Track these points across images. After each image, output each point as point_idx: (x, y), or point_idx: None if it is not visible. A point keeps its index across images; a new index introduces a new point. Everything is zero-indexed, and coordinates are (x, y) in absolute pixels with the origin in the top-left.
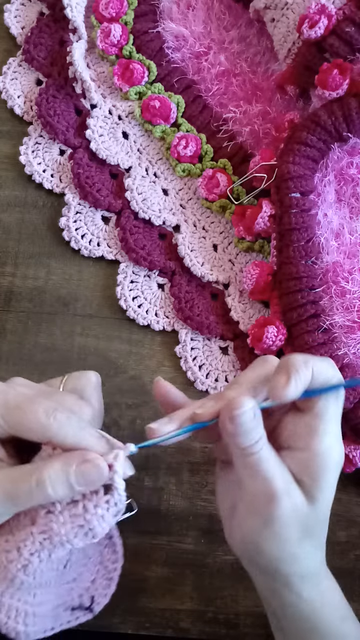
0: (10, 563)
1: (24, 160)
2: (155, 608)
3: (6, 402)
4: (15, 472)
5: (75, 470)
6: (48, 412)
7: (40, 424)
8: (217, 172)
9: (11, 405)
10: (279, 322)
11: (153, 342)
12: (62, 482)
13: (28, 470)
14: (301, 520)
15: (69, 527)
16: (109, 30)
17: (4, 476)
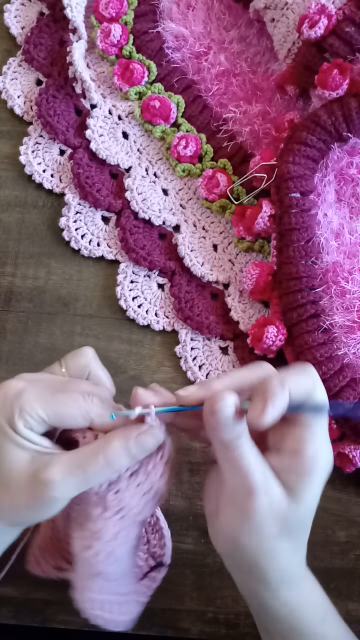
0: (96, 556)
1: (24, 160)
2: (155, 608)
3: (40, 394)
4: (79, 454)
5: (134, 442)
6: (85, 397)
7: (82, 409)
8: (217, 172)
9: (47, 397)
10: (279, 322)
11: (153, 342)
12: (125, 455)
13: (92, 451)
14: (280, 516)
15: (138, 497)
16: (109, 30)
17: (69, 460)
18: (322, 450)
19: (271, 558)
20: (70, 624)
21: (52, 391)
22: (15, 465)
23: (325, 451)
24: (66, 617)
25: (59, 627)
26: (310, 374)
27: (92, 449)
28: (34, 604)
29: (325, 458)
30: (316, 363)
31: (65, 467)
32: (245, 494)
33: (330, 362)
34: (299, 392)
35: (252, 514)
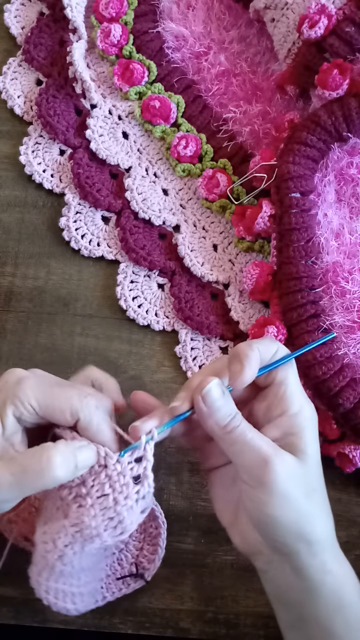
0: (48, 553)
1: (24, 160)
2: (155, 608)
3: (39, 385)
4: (22, 455)
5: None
6: (81, 396)
7: (72, 405)
8: (217, 172)
9: (45, 389)
10: (279, 322)
11: (153, 342)
12: (70, 464)
13: (35, 451)
14: (300, 477)
15: (100, 520)
16: (109, 30)
17: (11, 459)
18: (303, 404)
19: (311, 520)
20: (70, 624)
21: (52, 385)
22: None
23: (306, 403)
24: (66, 617)
25: (59, 627)
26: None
27: (35, 450)
28: (34, 604)
29: (308, 409)
30: (316, 363)
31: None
32: (262, 467)
33: (330, 362)
34: (266, 350)
35: (274, 483)
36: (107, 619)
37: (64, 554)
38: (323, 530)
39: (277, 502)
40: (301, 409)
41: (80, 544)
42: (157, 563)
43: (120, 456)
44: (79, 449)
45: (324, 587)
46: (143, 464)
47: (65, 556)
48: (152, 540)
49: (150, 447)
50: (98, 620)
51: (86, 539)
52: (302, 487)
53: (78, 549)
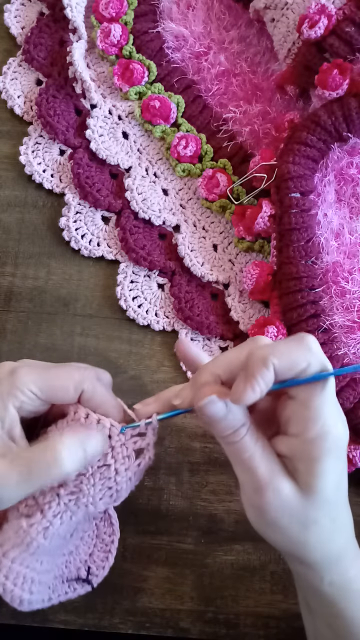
0: (31, 527)
1: (24, 160)
2: (155, 608)
3: (34, 369)
4: (28, 452)
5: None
6: (80, 370)
7: (74, 379)
8: (217, 172)
9: (41, 371)
10: (279, 322)
11: (153, 342)
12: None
13: (42, 448)
14: (297, 512)
15: (98, 489)
16: (109, 30)
17: (17, 456)
18: (328, 428)
19: (304, 549)
20: (70, 624)
21: (47, 366)
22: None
23: (334, 427)
24: (66, 617)
25: (59, 627)
26: (306, 344)
27: (42, 447)
28: None
29: (334, 435)
30: None
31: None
32: (254, 491)
33: (330, 362)
34: (290, 365)
35: (264, 510)
36: (107, 619)
37: (51, 524)
38: (323, 555)
39: (267, 525)
40: (320, 436)
41: (71, 512)
42: (105, 571)
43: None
44: (87, 438)
45: (324, 595)
46: (146, 440)
47: (50, 527)
48: (104, 547)
49: (152, 428)
50: (98, 620)
51: (79, 507)
52: (296, 519)
53: (66, 519)
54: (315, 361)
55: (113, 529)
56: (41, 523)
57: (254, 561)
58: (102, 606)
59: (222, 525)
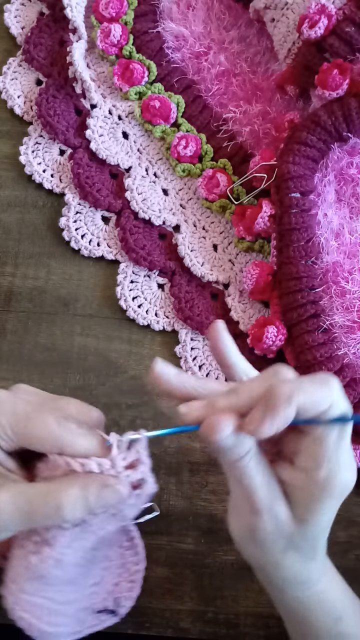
0: (43, 562)
1: (24, 160)
2: (155, 608)
3: (14, 412)
4: (31, 490)
5: (95, 496)
6: (59, 422)
7: (52, 434)
8: (217, 172)
9: (20, 416)
10: (279, 322)
11: (153, 342)
12: (82, 508)
13: (45, 493)
14: (285, 536)
15: (102, 517)
16: (109, 30)
17: (20, 494)
18: (338, 472)
19: (277, 568)
20: None
21: (29, 410)
22: None
23: (343, 473)
24: None
25: None
26: (329, 386)
27: (46, 491)
28: None
29: (342, 481)
30: (316, 363)
31: (11, 500)
32: (249, 511)
33: (330, 362)
34: (313, 405)
35: (255, 531)
36: None
37: (63, 555)
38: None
39: (251, 543)
40: (327, 479)
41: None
42: (132, 601)
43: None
44: (97, 491)
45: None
46: (141, 469)
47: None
48: (130, 577)
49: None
50: None
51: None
52: (282, 542)
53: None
54: (337, 404)
55: (139, 558)
56: (52, 556)
57: None
58: None
59: (222, 525)
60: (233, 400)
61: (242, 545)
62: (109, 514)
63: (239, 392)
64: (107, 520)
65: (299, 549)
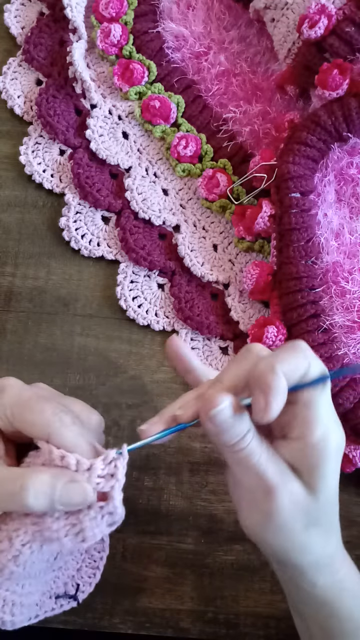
0: (1, 553)
1: (24, 160)
2: (155, 608)
3: (19, 396)
4: (3, 472)
5: (61, 488)
6: (55, 411)
7: (44, 419)
8: (217, 172)
9: (23, 400)
10: (279, 322)
11: (153, 342)
12: (45, 495)
13: (15, 474)
14: (303, 510)
15: (62, 524)
16: (109, 30)
17: None
18: (328, 431)
19: (303, 552)
20: (70, 624)
21: (33, 397)
22: None
23: (334, 430)
24: (66, 617)
25: (59, 627)
26: (302, 350)
27: (18, 473)
28: None
29: (334, 438)
30: None
31: None
32: (264, 495)
33: (330, 362)
34: (294, 372)
35: (274, 513)
36: (107, 619)
37: (21, 553)
38: (318, 558)
39: (273, 530)
40: (323, 439)
41: (39, 543)
42: (92, 587)
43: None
44: (65, 484)
45: (316, 599)
46: (111, 482)
47: (20, 556)
48: (92, 564)
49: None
50: (98, 620)
51: (46, 540)
52: (302, 519)
53: (36, 548)
54: (314, 364)
55: (103, 545)
56: (10, 551)
57: (254, 561)
58: (102, 606)
59: (222, 525)
60: (219, 387)
61: (261, 536)
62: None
63: (223, 378)
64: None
65: (318, 524)
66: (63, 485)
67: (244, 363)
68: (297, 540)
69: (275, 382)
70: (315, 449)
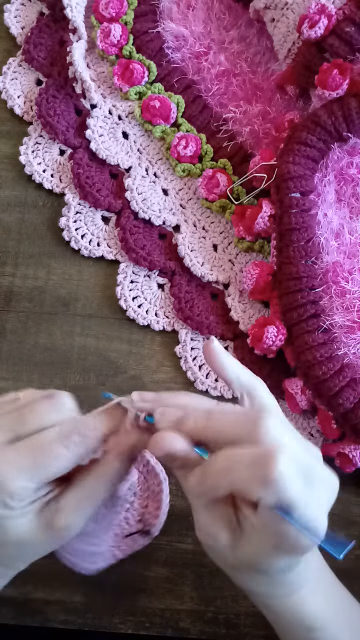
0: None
1: (24, 160)
2: (155, 608)
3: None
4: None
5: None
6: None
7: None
8: (217, 172)
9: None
10: (279, 322)
11: (153, 342)
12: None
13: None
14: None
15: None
16: (109, 30)
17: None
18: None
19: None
20: (70, 624)
21: (32, 456)
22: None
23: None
24: (66, 617)
25: (59, 627)
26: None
27: (95, 478)
28: (34, 604)
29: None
30: (316, 363)
31: (73, 507)
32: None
33: (330, 362)
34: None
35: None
36: (107, 619)
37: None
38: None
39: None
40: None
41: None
42: (162, 519)
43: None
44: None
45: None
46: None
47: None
48: (155, 497)
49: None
50: (98, 620)
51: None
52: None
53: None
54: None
55: (159, 478)
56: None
57: None
58: (102, 606)
59: None
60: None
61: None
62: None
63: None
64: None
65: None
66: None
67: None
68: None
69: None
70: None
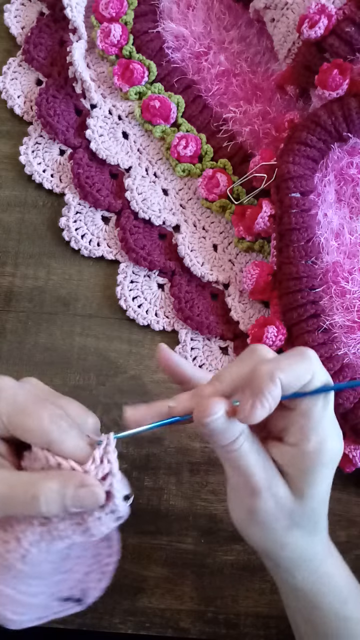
0: (9, 553)
1: (24, 160)
2: (155, 608)
3: (14, 401)
4: (13, 478)
5: (72, 494)
6: (52, 418)
7: (42, 428)
8: (217, 172)
9: (18, 406)
10: (279, 322)
11: (153, 342)
12: (57, 503)
13: (26, 482)
14: (287, 513)
15: (68, 524)
16: (109, 30)
17: (3, 478)
18: (326, 441)
19: (281, 548)
20: (69, 623)
21: (29, 402)
22: None
23: (330, 441)
24: (66, 617)
25: (59, 627)
26: (308, 358)
27: (27, 480)
28: None
29: (331, 449)
30: None
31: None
32: (249, 494)
33: (330, 362)
34: (296, 379)
35: (257, 513)
36: (107, 619)
37: (28, 552)
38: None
39: (254, 526)
40: (316, 449)
41: (47, 543)
42: (99, 592)
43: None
44: (75, 490)
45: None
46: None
47: (28, 555)
48: (101, 569)
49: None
50: (98, 620)
51: (54, 539)
52: (284, 520)
53: (44, 548)
54: (318, 374)
55: (112, 551)
56: (17, 551)
57: (254, 561)
58: (102, 606)
59: (222, 525)
60: (218, 386)
61: (245, 529)
62: (74, 522)
63: (221, 378)
64: (71, 528)
65: (301, 526)
66: (73, 491)
67: (246, 364)
68: (277, 539)
69: (269, 390)
70: (307, 457)
